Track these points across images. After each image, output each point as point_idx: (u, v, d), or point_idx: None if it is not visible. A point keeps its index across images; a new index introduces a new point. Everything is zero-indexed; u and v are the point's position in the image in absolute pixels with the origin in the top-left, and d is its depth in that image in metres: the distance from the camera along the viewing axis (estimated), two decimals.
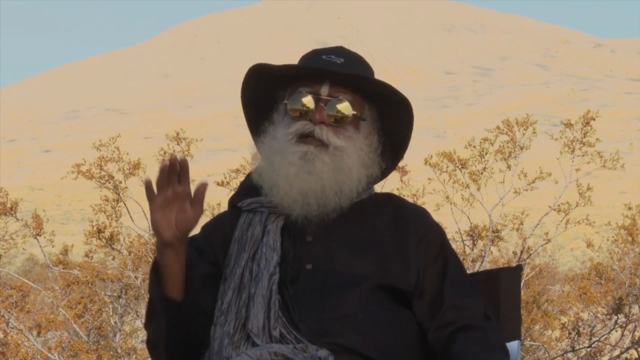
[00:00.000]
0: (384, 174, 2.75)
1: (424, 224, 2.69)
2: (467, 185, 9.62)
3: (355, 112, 2.64)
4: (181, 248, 2.55)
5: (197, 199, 2.51)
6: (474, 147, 9.61)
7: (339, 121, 2.62)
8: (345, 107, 2.63)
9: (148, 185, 2.52)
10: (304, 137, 2.62)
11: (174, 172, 2.51)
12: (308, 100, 2.63)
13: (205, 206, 2.58)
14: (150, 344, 2.67)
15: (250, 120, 2.79)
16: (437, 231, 2.70)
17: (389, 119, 2.71)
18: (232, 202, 2.77)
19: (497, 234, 9.73)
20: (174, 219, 2.51)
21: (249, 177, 2.77)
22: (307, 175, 2.60)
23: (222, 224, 2.73)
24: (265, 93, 2.72)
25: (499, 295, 2.75)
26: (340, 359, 2.48)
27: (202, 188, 2.51)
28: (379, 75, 2.69)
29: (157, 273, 2.57)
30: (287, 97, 2.67)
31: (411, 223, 2.68)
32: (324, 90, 2.63)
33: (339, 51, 2.72)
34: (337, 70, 2.63)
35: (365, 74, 2.68)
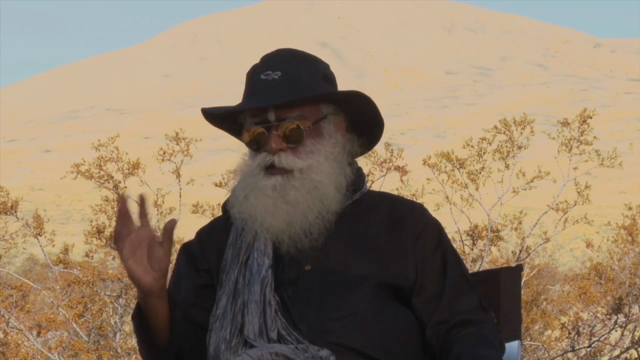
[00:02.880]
0: (364, 151, 2.72)
1: (420, 220, 2.66)
2: (466, 185, 9.62)
3: (309, 125, 2.57)
4: (163, 292, 2.51)
5: (165, 236, 2.45)
6: (472, 147, 9.61)
7: (295, 141, 2.55)
8: (296, 128, 2.55)
9: (116, 236, 2.46)
10: (269, 168, 2.56)
11: (128, 216, 2.45)
12: (259, 132, 2.56)
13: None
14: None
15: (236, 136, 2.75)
16: (434, 226, 2.68)
17: (348, 110, 2.64)
18: (225, 207, 2.74)
19: (496, 233, 9.73)
20: (147, 262, 2.46)
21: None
22: (285, 205, 2.54)
23: (216, 230, 2.71)
24: (229, 125, 2.69)
25: (499, 295, 2.74)
26: (342, 358, 2.46)
27: (171, 225, 2.45)
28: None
29: (141, 319, 2.55)
30: (243, 130, 2.62)
31: (408, 219, 2.65)
32: (271, 116, 2.55)
33: (277, 61, 2.62)
34: (274, 102, 2.53)
35: (307, 78, 2.59)
